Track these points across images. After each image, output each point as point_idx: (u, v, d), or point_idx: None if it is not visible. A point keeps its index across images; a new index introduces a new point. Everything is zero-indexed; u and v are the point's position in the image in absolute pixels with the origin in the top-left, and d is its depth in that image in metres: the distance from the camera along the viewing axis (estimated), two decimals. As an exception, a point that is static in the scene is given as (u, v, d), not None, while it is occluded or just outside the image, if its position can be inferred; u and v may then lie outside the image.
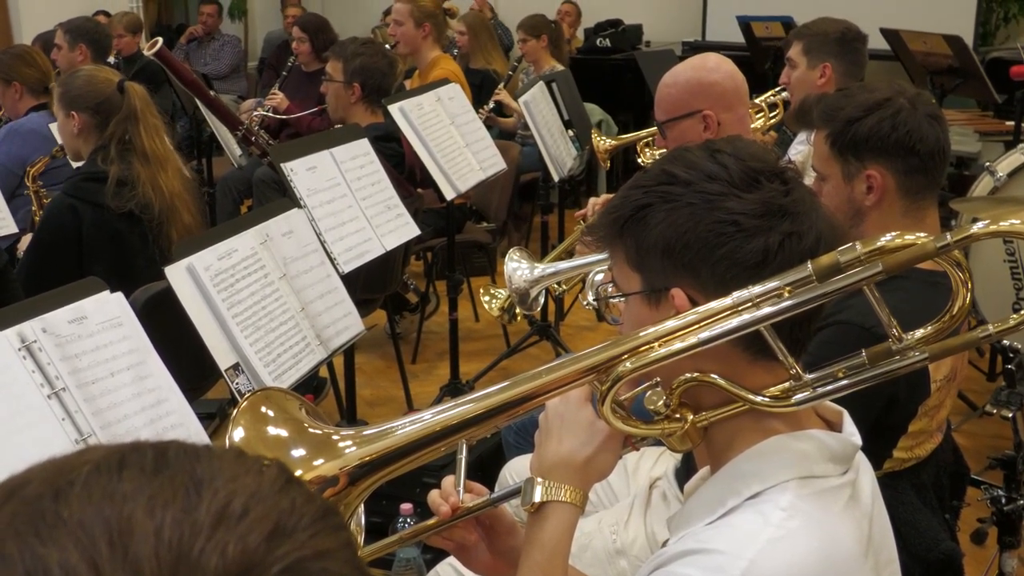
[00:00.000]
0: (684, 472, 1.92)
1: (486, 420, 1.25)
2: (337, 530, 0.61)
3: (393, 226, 3.26)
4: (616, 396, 1.20)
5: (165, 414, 1.97)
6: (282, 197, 5.21)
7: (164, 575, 0.53)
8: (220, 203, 5.50)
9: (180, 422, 2.00)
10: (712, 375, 1.18)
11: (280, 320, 2.43)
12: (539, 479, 1.27)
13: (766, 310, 1.14)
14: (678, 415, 1.20)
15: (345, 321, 2.68)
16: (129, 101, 3.22)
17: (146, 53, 4.10)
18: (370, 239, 3.12)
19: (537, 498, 1.26)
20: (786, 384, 1.18)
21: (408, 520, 2.73)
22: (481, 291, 3.10)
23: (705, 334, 1.15)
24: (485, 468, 3.18)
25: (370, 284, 3.65)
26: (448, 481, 1.33)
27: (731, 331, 1.15)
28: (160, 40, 4.08)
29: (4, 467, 1.70)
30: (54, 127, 3.85)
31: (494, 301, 2.94)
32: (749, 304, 1.14)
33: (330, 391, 4.19)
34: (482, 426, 1.24)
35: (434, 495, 1.33)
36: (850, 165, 1.97)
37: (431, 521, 1.36)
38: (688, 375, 1.19)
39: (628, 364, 1.18)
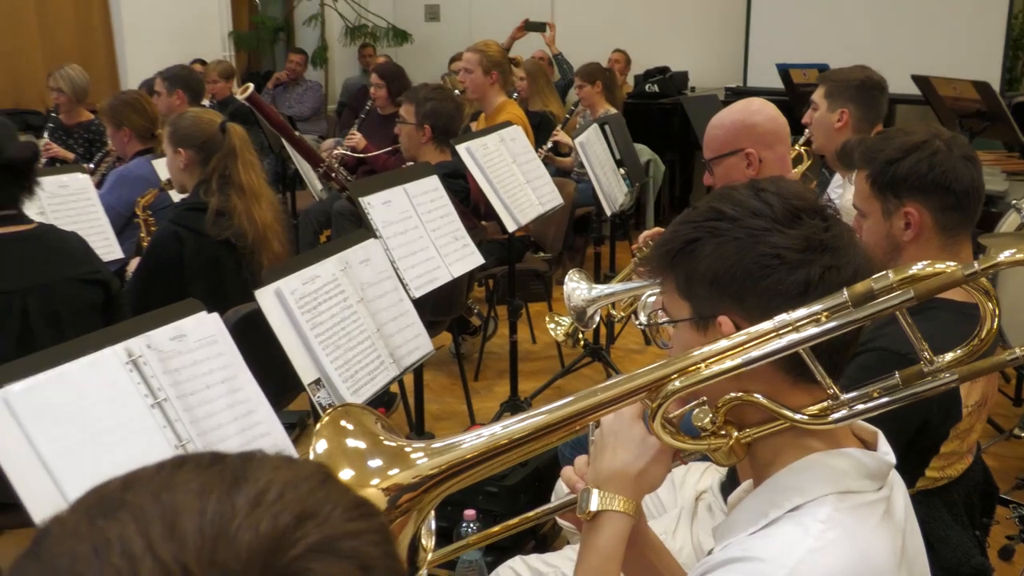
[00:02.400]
0: (729, 486, 1.91)
1: (546, 435, 1.25)
2: (369, 517, 0.64)
3: (459, 255, 3.28)
4: (666, 413, 1.20)
5: (254, 424, 2.00)
6: (358, 228, 5.27)
7: (206, 547, 0.57)
8: (302, 232, 5.57)
9: (267, 431, 2.02)
10: (755, 394, 1.18)
11: (358, 340, 2.45)
12: (595, 489, 1.27)
13: (805, 333, 1.13)
14: (723, 432, 1.20)
15: (416, 342, 2.70)
16: (229, 140, 3.28)
17: (239, 97, 4.16)
18: (439, 267, 3.14)
19: (593, 507, 1.25)
20: (824, 403, 1.18)
21: (471, 525, 2.74)
22: (546, 319, 3.10)
23: (749, 355, 1.15)
24: (542, 478, 3.19)
25: (438, 308, 3.66)
26: (580, 461, 1.36)
27: (773, 353, 1.14)
28: (251, 86, 4.13)
29: (111, 469, 1.73)
30: (159, 165, 3.93)
31: (559, 328, 2.94)
32: (790, 328, 1.14)
33: (400, 405, 4.21)
34: (542, 440, 1.24)
35: (568, 472, 1.38)
36: (889, 203, 1.97)
37: (497, 528, 1.38)
38: (733, 394, 1.19)
39: (677, 383, 1.18)
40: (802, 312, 1.14)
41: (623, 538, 1.26)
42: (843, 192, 3.09)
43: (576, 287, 2.33)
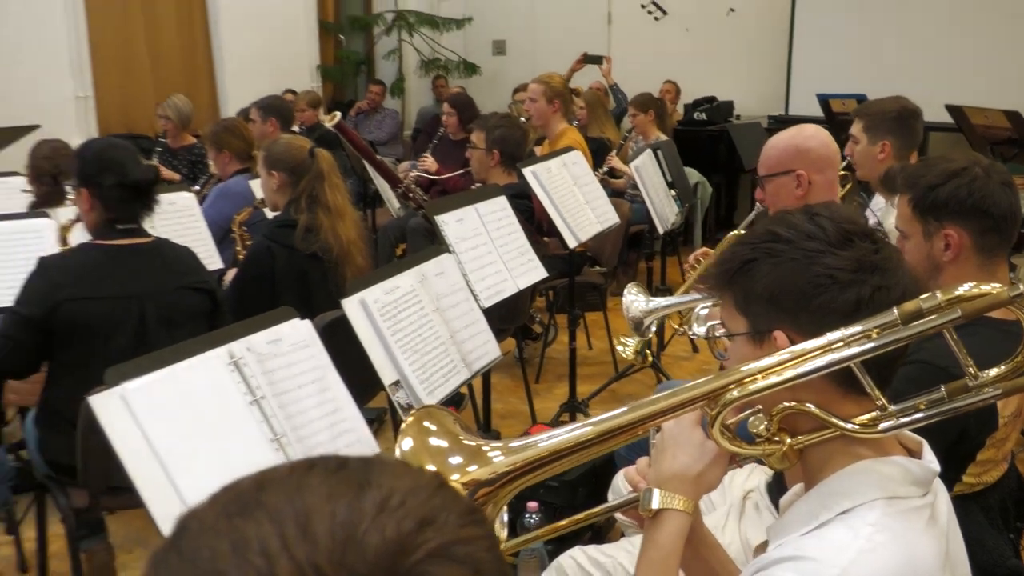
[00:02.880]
0: (775, 486, 1.88)
1: (611, 438, 1.24)
2: (480, 524, 0.63)
3: (524, 269, 3.29)
4: (724, 420, 1.19)
5: (340, 420, 2.02)
6: (431, 242, 5.31)
7: (336, 549, 0.56)
8: (381, 246, 5.60)
9: (352, 427, 2.04)
10: (807, 404, 1.17)
11: (433, 345, 2.46)
12: (656, 489, 1.26)
13: (856, 348, 1.12)
14: (777, 438, 1.19)
15: (485, 347, 2.70)
16: (317, 164, 3.32)
17: (327, 124, 4.22)
18: (506, 280, 3.15)
19: (655, 505, 1.25)
20: (873, 414, 1.16)
21: (533, 516, 2.73)
22: (615, 340, 3.10)
23: (802, 368, 1.14)
24: (598, 474, 3.16)
25: (504, 316, 3.66)
26: (642, 462, 1.36)
27: (826, 366, 1.13)
28: (339, 114, 4.20)
29: (214, 457, 1.76)
30: (254, 185, 3.99)
31: (627, 348, 2.94)
32: (842, 343, 1.13)
33: (468, 404, 4.23)
34: (608, 443, 1.24)
35: (630, 471, 1.37)
36: (930, 225, 1.94)
37: (564, 522, 1.38)
38: (786, 404, 1.17)
39: (735, 393, 1.17)
40: (854, 329, 1.13)
41: (682, 535, 1.25)
42: (884, 215, 3.03)
43: (634, 300, 2.33)
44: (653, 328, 2.34)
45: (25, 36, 6.31)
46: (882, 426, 1.15)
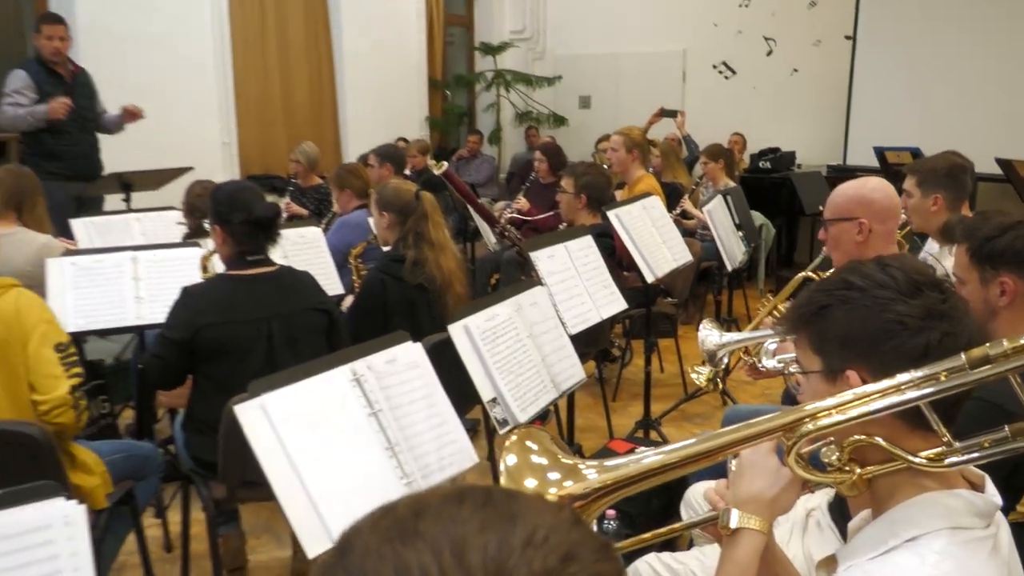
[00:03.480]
0: (836, 506, 1.82)
1: (694, 462, 1.22)
2: (612, 559, 0.62)
3: (607, 300, 3.27)
4: (799, 450, 1.16)
5: (446, 432, 2.03)
6: (521, 273, 5.33)
7: None
8: (478, 276, 5.64)
9: (455, 438, 2.05)
10: (877, 438, 1.13)
11: (527, 367, 2.46)
12: (735, 509, 1.23)
13: (925, 390, 1.09)
14: (847, 468, 1.16)
15: (571, 370, 2.69)
16: (422, 205, 3.36)
17: (435, 172, 4.26)
18: (591, 310, 3.14)
19: (733, 524, 1.22)
20: (940, 449, 1.12)
21: (611, 522, 2.70)
22: (689, 369, 3.07)
23: (874, 406, 1.10)
24: (670, 486, 3.10)
25: (587, 341, 3.65)
26: (720, 484, 1.33)
27: (896, 405, 1.10)
28: (446, 164, 4.26)
29: (337, 460, 1.77)
30: (371, 220, 4.07)
31: (701, 376, 2.91)
32: (912, 384, 1.09)
33: (553, 418, 4.21)
34: (690, 466, 1.22)
35: (711, 494, 1.34)
36: (986, 273, 1.88)
37: (648, 535, 1.37)
38: (857, 437, 1.14)
39: (810, 426, 1.14)
40: (924, 372, 1.09)
41: (758, 552, 1.22)
42: (939, 258, 2.94)
43: (709, 334, 2.30)
44: (725, 360, 2.30)
45: (182, 91, 6.56)
46: (948, 461, 1.11)
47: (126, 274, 3.23)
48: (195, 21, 6.66)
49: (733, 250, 4.50)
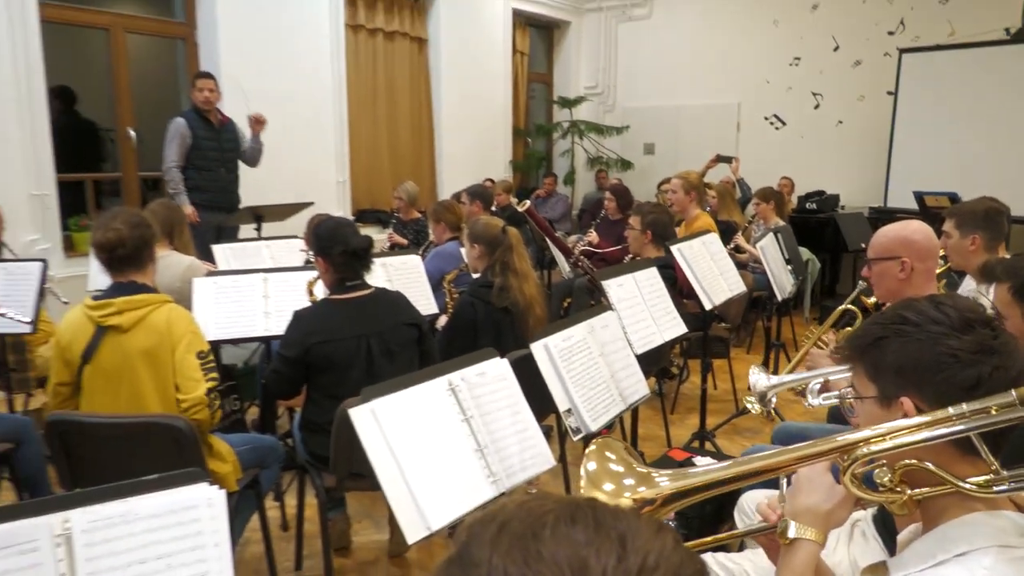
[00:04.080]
0: (880, 517, 1.75)
1: (756, 476, 1.19)
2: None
3: (669, 324, 3.22)
4: (854, 471, 1.12)
5: (528, 437, 2.02)
6: (591, 298, 5.30)
7: None
8: (553, 300, 5.63)
9: (535, 443, 2.04)
10: (927, 463, 1.09)
11: (598, 382, 2.44)
12: (792, 521, 1.19)
13: (978, 422, 1.04)
14: (899, 489, 1.11)
15: (637, 386, 2.66)
16: (508, 238, 3.36)
17: (519, 209, 4.29)
18: (655, 332, 3.10)
19: (791, 534, 1.18)
20: (988, 476, 1.07)
21: (670, 523, 2.64)
22: (745, 398, 3.01)
23: (928, 434, 1.06)
24: (723, 495, 3.04)
25: (649, 360, 3.61)
26: (773, 499, 1.28)
27: (949, 434, 1.05)
28: (528, 202, 4.30)
29: (434, 458, 1.78)
30: (463, 250, 4.11)
31: (755, 405, 2.85)
32: (963, 417, 1.05)
33: (617, 427, 4.16)
34: (752, 479, 1.19)
35: (763, 507, 1.29)
36: None
37: (709, 539, 1.34)
38: (909, 461, 1.10)
39: (866, 449, 1.10)
40: (976, 405, 1.05)
41: (813, 561, 1.18)
42: (975, 296, 2.81)
43: (758, 378, 2.23)
44: (774, 400, 2.24)
45: (306, 139, 6.76)
46: (997, 488, 1.06)
47: (257, 292, 3.32)
48: (319, 80, 6.87)
49: (783, 282, 4.39)
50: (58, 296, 4.02)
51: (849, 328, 2.63)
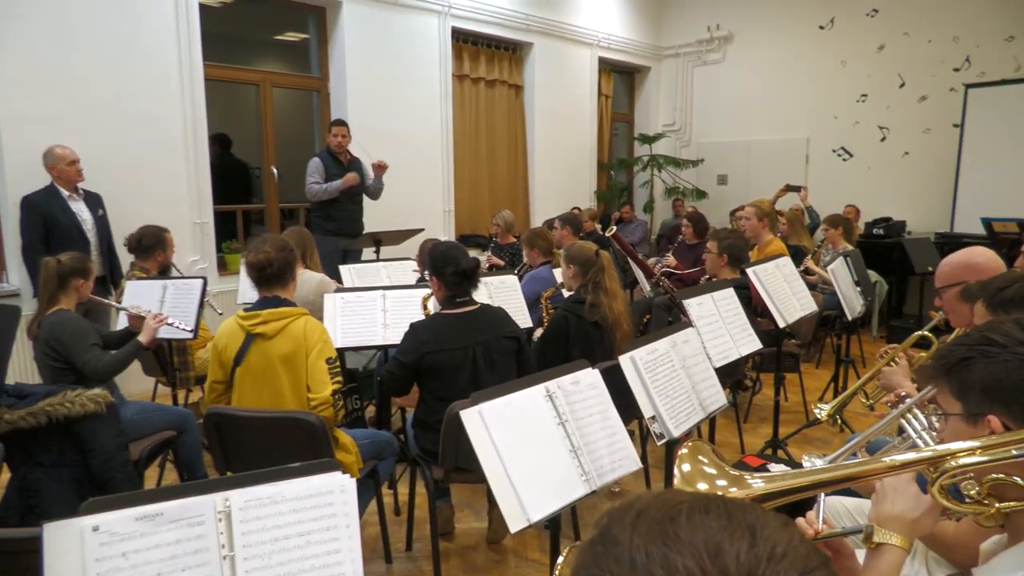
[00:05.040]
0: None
1: (844, 482, 1.12)
2: (828, 566, 0.57)
3: (745, 340, 3.12)
4: (942, 482, 1.04)
5: (616, 441, 1.98)
6: (668, 317, 5.19)
7: None
8: (633, 317, 5.54)
9: (624, 447, 2.00)
10: (1015, 478, 1.00)
11: (680, 391, 2.38)
12: (877, 527, 1.12)
13: None
14: (986, 501, 1.03)
15: (716, 396, 2.58)
16: (600, 261, 3.34)
17: (606, 234, 4.24)
18: (731, 348, 3.00)
19: (877, 539, 1.11)
20: None
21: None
22: (813, 406, 2.87)
23: (1016, 450, 0.97)
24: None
25: (725, 373, 3.49)
26: (810, 515, 1.20)
27: None
28: (615, 227, 4.25)
29: (533, 458, 1.75)
30: (556, 272, 4.10)
31: (822, 411, 2.71)
32: None
33: (695, 435, 4.04)
34: (839, 485, 1.12)
35: (801, 521, 1.21)
36: (1000, 317, 1.66)
37: None
38: (997, 475, 1.01)
39: (954, 462, 1.02)
40: None
41: (897, 566, 1.10)
42: None
43: (812, 463, 2.07)
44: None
45: (417, 173, 6.93)
46: None
47: (377, 307, 3.41)
48: (429, 123, 7.04)
49: (852, 302, 4.18)
50: (215, 308, 4.24)
51: (920, 350, 2.47)
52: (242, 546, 1.22)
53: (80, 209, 4.42)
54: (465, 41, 7.43)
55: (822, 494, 1.18)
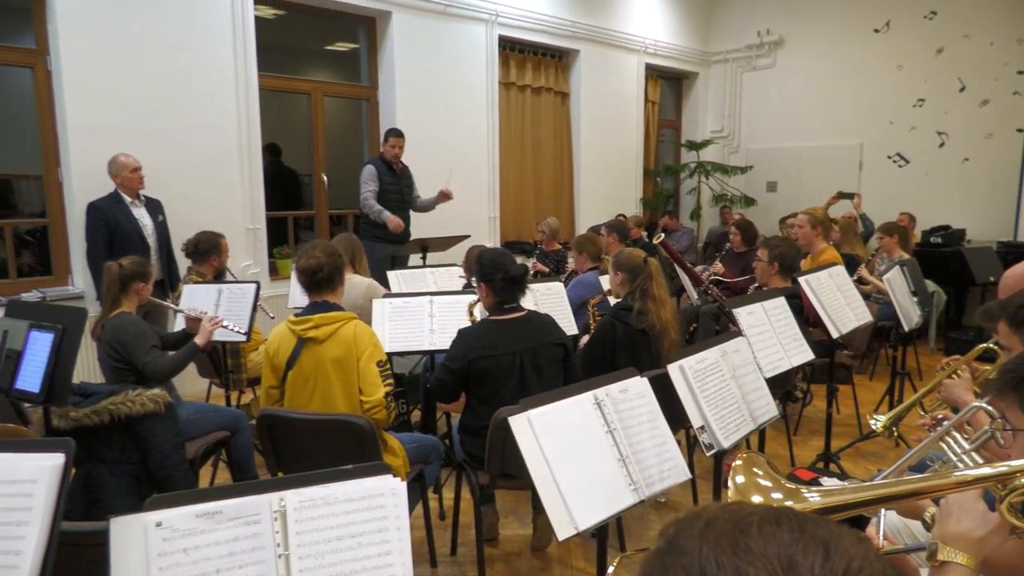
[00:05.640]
0: None
1: (904, 498, 1.08)
2: None
3: (797, 351, 3.05)
4: (1011, 499, 1.00)
5: (665, 450, 1.96)
6: (716, 325, 5.11)
7: None
8: (680, 326, 5.48)
9: (672, 456, 1.98)
10: None
11: (729, 402, 2.34)
12: (942, 544, 1.08)
13: None
14: None
15: (766, 407, 2.53)
16: (648, 268, 3.31)
17: (655, 242, 4.20)
18: (783, 358, 2.94)
19: (941, 557, 1.07)
20: None
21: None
22: (868, 417, 2.79)
23: None
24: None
25: (775, 383, 3.41)
26: (871, 530, 1.17)
27: None
28: (663, 235, 4.22)
29: (581, 465, 1.74)
30: (604, 279, 4.08)
31: (878, 422, 2.62)
32: None
33: (743, 446, 3.96)
34: (900, 501, 1.08)
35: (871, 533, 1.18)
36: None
37: None
38: None
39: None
40: None
41: None
42: None
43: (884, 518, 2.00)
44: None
45: (464, 180, 6.95)
46: None
47: (424, 312, 3.44)
48: (475, 131, 7.09)
49: (909, 313, 4.05)
50: (267, 312, 4.34)
51: (986, 364, 2.38)
52: (296, 545, 1.25)
53: (141, 215, 4.59)
54: (512, 49, 7.48)
55: (883, 509, 1.14)
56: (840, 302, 3.49)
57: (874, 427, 2.74)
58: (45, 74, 4.65)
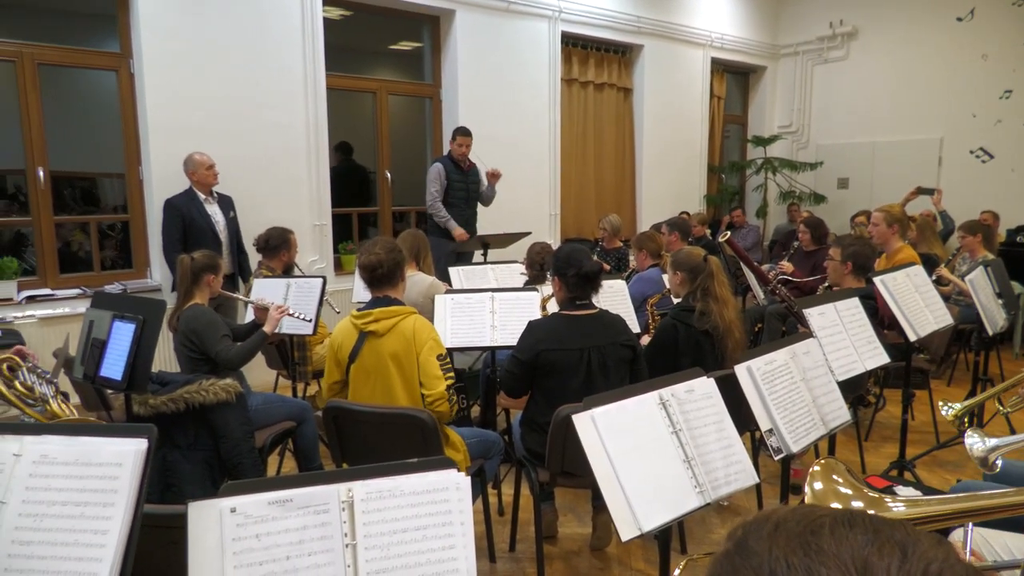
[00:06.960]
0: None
1: (1001, 512, 1.02)
2: None
3: (871, 353, 2.93)
4: None
5: (732, 453, 1.92)
6: (782, 326, 4.96)
7: None
8: (745, 326, 5.34)
9: (740, 459, 1.93)
10: None
11: (799, 405, 2.26)
12: None
13: None
14: None
15: (838, 412, 2.43)
16: (709, 266, 3.24)
17: (720, 240, 4.11)
18: (855, 361, 2.83)
19: None
20: None
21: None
22: (940, 402, 2.65)
23: None
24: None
25: (847, 387, 3.29)
26: (955, 543, 1.11)
27: None
28: (729, 233, 4.11)
29: (644, 465, 1.71)
30: (664, 277, 4.01)
31: (950, 410, 2.49)
32: None
33: (812, 451, 3.84)
34: (991, 515, 1.02)
35: None
36: None
37: None
38: None
39: None
40: None
41: None
42: None
43: (974, 442, 1.90)
44: (999, 463, 1.85)
45: (525, 177, 6.98)
46: None
47: (486, 308, 3.45)
48: (537, 128, 7.09)
49: (994, 316, 3.84)
50: (332, 306, 4.44)
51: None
52: (363, 536, 1.26)
53: (214, 211, 4.75)
54: (574, 45, 7.43)
55: (971, 523, 1.08)
56: (918, 304, 3.34)
57: (945, 415, 2.61)
58: (128, 77, 4.87)
